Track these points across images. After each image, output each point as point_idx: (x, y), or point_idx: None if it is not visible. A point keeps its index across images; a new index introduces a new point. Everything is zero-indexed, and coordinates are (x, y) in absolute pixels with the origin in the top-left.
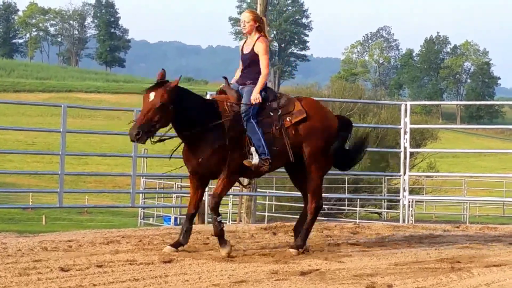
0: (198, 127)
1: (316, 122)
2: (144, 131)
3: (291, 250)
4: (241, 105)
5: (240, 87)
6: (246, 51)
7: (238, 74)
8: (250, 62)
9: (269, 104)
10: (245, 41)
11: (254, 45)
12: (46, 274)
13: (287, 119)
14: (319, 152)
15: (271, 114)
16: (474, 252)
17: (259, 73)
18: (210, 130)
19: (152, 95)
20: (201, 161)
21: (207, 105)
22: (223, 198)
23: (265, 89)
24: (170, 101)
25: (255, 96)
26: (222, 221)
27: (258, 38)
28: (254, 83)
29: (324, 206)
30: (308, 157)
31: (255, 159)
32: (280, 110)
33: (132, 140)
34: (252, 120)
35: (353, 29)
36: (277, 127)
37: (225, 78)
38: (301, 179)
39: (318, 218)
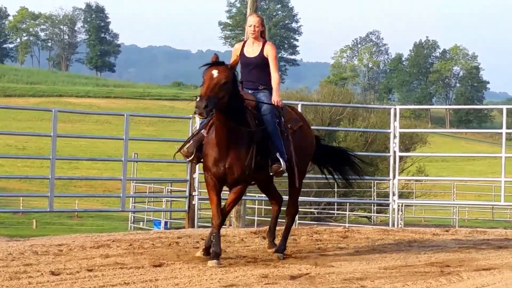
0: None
1: (308, 130)
2: (210, 104)
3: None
4: (265, 109)
5: (252, 91)
6: (251, 55)
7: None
8: (258, 66)
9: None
10: (244, 45)
11: (263, 49)
12: (36, 278)
13: (289, 126)
14: (306, 162)
15: (277, 120)
16: (464, 255)
17: (268, 76)
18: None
19: (215, 72)
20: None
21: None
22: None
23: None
24: (231, 81)
25: (278, 99)
26: None
27: (266, 42)
28: (268, 87)
29: (313, 210)
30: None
31: (284, 164)
32: (283, 118)
33: (200, 113)
34: (276, 125)
35: (343, 34)
36: (285, 134)
37: (241, 82)
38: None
39: (308, 222)
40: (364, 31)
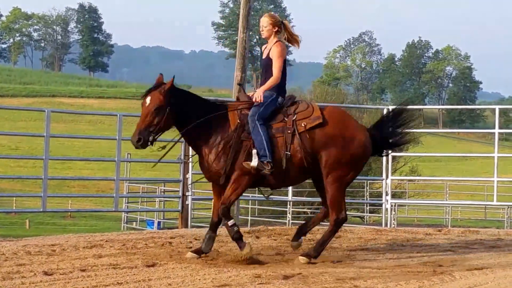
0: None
1: (335, 130)
2: (144, 136)
3: (301, 257)
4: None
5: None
6: (264, 56)
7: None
8: (267, 67)
9: (286, 109)
10: (266, 46)
11: (270, 50)
12: (29, 278)
13: (302, 124)
14: (336, 162)
15: (286, 119)
16: (456, 255)
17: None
18: (214, 133)
19: (148, 99)
20: (208, 165)
21: (207, 104)
22: (206, 202)
23: (282, 94)
24: (166, 103)
25: (257, 94)
26: (236, 224)
27: (275, 43)
28: (273, 89)
29: (307, 210)
30: (323, 166)
31: (254, 162)
32: (295, 115)
33: (136, 147)
34: (256, 122)
35: (335, 34)
36: (289, 132)
37: (240, 85)
38: (321, 187)
39: (301, 222)
40: (357, 31)
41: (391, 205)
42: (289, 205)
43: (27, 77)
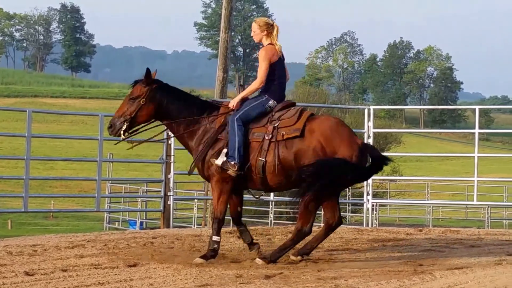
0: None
1: (316, 142)
2: (115, 123)
3: (258, 259)
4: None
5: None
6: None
7: None
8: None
9: (272, 115)
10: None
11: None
12: (11, 279)
13: (282, 133)
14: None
15: (268, 124)
16: (437, 255)
17: (269, 83)
18: (202, 131)
19: (131, 90)
20: (195, 163)
21: (198, 103)
22: (188, 202)
23: (274, 97)
24: (145, 95)
25: (234, 102)
26: (218, 245)
27: (263, 47)
28: (263, 93)
29: (289, 210)
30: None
31: (219, 160)
32: (279, 122)
33: (110, 134)
34: (235, 123)
35: (317, 34)
36: (268, 138)
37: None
38: None
39: (283, 221)
40: (339, 31)
41: (373, 205)
42: (271, 205)
43: (9, 77)
